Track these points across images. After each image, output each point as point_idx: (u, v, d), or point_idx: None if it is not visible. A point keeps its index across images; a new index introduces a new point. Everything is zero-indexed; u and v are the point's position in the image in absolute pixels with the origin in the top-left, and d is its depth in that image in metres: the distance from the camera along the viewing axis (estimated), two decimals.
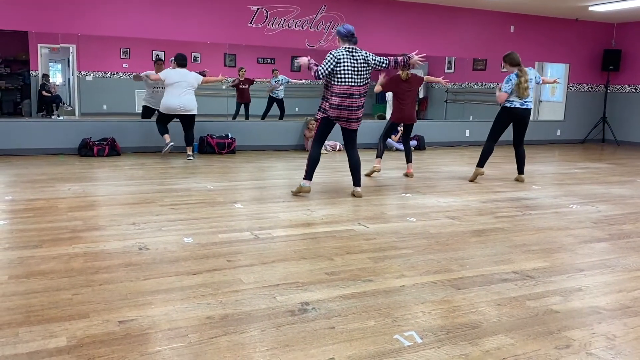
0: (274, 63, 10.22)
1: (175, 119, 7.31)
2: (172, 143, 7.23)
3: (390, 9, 9.14)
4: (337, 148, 8.85)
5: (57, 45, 8.76)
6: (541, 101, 11.75)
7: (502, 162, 7.81)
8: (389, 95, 6.79)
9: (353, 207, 4.73)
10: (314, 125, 5.19)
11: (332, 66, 4.75)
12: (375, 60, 4.90)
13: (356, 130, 5.07)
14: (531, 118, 11.49)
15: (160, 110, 7.22)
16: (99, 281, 2.82)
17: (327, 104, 4.88)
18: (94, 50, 8.91)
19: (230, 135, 8.22)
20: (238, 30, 8.25)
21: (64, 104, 9.15)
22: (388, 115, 11.08)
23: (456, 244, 3.71)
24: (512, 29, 10.14)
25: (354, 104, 4.86)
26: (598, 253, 3.61)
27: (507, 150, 9.32)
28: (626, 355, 2.18)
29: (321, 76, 4.75)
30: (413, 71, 6.20)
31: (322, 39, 8.69)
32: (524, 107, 5.96)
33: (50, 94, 8.82)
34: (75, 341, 2.16)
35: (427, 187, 5.80)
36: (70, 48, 8.85)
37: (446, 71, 11.46)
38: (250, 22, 8.29)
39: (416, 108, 6.46)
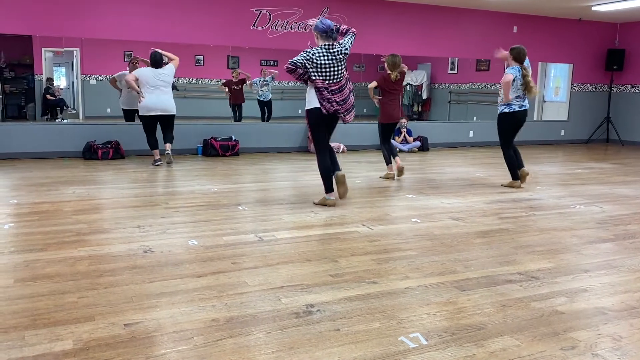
0: (277, 65, 10.21)
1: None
2: (161, 162, 7.00)
3: (394, 10, 9.14)
4: (341, 150, 8.85)
5: (61, 49, 8.78)
6: (545, 101, 11.73)
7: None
8: None
9: (357, 209, 4.73)
10: None
11: (305, 62, 4.53)
12: (348, 44, 4.71)
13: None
14: (535, 118, 11.59)
15: (140, 112, 6.94)
16: (104, 284, 2.83)
17: (319, 101, 4.60)
18: (97, 54, 8.93)
19: (233, 138, 8.23)
20: (241, 33, 8.27)
21: (68, 107, 9.17)
22: None
23: (460, 245, 3.71)
24: (515, 29, 10.12)
25: (345, 96, 4.67)
26: (603, 253, 3.60)
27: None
28: (632, 356, 2.17)
29: (293, 66, 4.52)
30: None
31: None
32: (523, 108, 5.81)
33: (54, 98, 8.85)
34: (81, 344, 2.17)
35: (431, 189, 5.79)
36: (74, 52, 8.88)
37: (449, 72, 11.45)
38: (254, 25, 8.31)
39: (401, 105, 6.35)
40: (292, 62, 4.54)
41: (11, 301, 2.58)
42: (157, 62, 6.91)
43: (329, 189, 4.81)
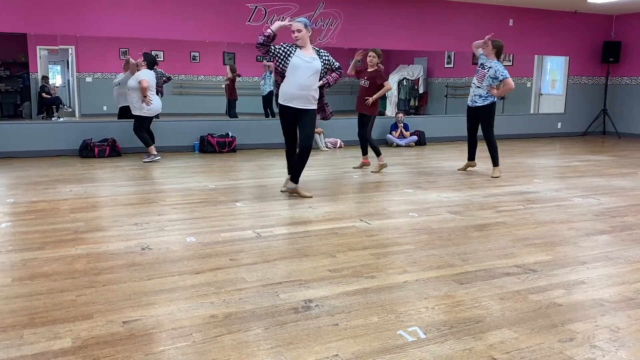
0: (273, 61, 10.21)
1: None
2: (160, 157, 7.21)
3: (389, 4, 9.12)
4: (338, 145, 8.84)
5: (56, 47, 8.74)
6: (541, 94, 11.73)
7: (503, 155, 7.78)
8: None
9: (355, 204, 4.73)
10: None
11: (280, 50, 4.87)
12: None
13: (311, 113, 4.78)
14: (532, 111, 11.61)
15: (150, 114, 7.20)
16: (102, 282, 2.82)
17: (279, 93, 4.85)
18: (93, 52, 8.89)
19: (230, 134, 8.22)
20: (237, 29, 8.24)
21: (64, 105, 9.14)
22: (388, 111, 11.08)
23: (458, 238, 3.71)
24: (511, 22, 10.12)
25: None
26: (600, 245, 3.61)
27: (506, 144, 9.32)
28: (630, 347, 2.18)
29: (262, 41, 4.89)
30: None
31: (320, 36, 8.67)
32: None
33: (50, 96, 8.81)
34: (80, 342, 2.17)
35: (428, 183, 5.80)
36: (69, 49, 8.84)
37: (446, 66, 11.44)
38: (249, 20, 8.28)
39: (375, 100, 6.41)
40: (262, 40, 4.88)
41: (9, 300, 2.58)
42: (153, 61, 7.12)
43: (288, 171, 5.09)
